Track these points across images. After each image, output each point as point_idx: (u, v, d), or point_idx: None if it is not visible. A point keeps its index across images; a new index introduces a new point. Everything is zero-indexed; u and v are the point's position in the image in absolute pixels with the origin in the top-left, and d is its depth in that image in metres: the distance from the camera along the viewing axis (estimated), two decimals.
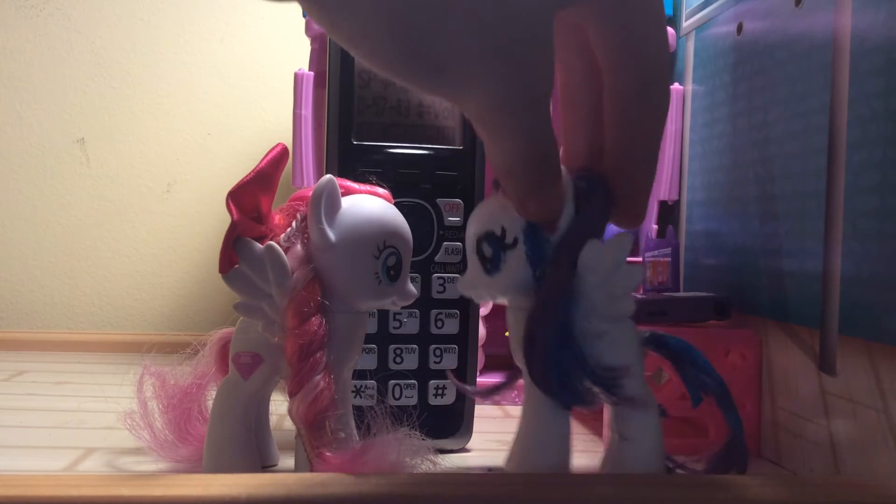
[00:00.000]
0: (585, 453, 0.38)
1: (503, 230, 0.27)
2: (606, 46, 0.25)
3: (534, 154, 0.24)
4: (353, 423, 0.29)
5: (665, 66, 0.26)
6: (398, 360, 0.36)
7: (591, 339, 0.27)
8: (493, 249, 0.27)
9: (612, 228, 0.28)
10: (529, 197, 0.26)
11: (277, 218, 0.29)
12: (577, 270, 0.27)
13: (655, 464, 0.28)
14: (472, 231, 0.28)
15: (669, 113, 0.50)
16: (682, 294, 0.42)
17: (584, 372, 0.26)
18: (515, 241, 0.27)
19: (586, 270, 0.27)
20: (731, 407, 0.28)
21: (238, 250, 0.28)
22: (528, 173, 0.25)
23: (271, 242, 0.28)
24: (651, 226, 0.52)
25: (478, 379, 0.38)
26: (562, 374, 0.26)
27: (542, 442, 0.27)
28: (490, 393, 0.31)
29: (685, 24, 0.50)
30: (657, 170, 0.51)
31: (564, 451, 0.27)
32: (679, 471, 0.29)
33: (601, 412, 0.34)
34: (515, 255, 0.27)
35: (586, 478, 0.27)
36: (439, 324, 0.36)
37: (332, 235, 0.28)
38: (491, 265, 0.27)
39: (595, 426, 0.42)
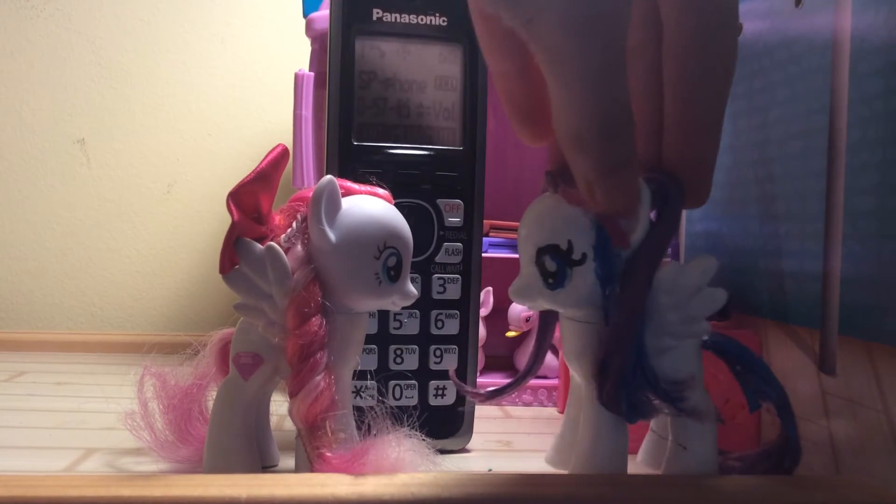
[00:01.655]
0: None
1: (570, 244, 0.25)
2: None
3: (606, 111, 0.22)
4: (353, 424, 0.29)
5: (732, 11, 0.24)
6: (398, 360, 0.36)
7: (657, 353, 0.26)
8: (558, 265, 0.25)
9: None
10: (599, 181, 0.23)
11: (278, 218, 0.29)
12: (652, 289, 0.25)
13: (711, 468, 0.28)
14: (529, 239, 0.26)
15: None
16: None
17: (653, 390, 0.25)
18: (584, 258, 0.25)
19: (662, 292, 0.25)
20: (791, 415, 0.28)
21: (238, 251, 0.28)
22: (600, 142, 0.22)
23: (272, 243, 0.28)
24: None
25: (478, 380, 0.38)
26: (632, 394, 0.25)
27: (603, 452, 0.27)
28: (492, 396, 0.31)
29: None
30: None
31: (623, 459, 0.27)
32: (730, 462, 0.29)
33: None
34: (583, 273, 0.25)
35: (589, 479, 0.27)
36: (439, 324, 0.36)
37: (332, 236, 0.28)
38: (554, 281, 0.25)
39: None
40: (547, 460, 0.30)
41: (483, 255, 0.37)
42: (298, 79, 0.49)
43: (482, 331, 0.49)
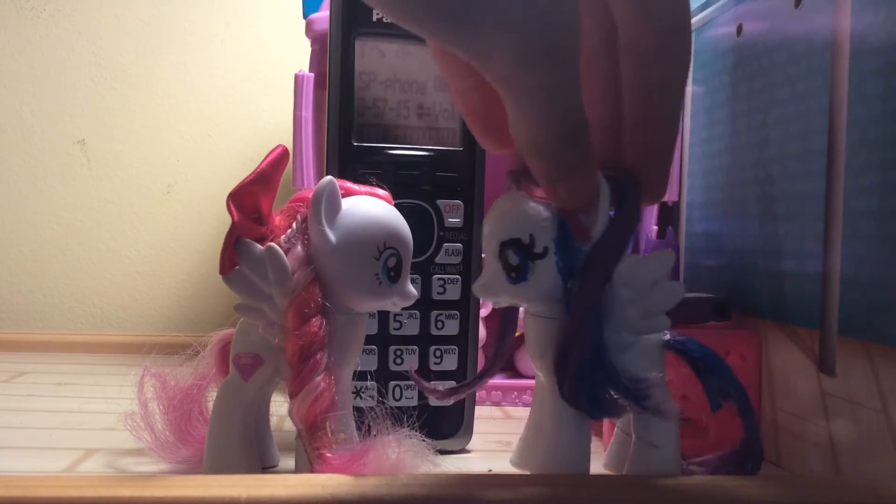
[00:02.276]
0: None
1: (531, 238, 0.25)
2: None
3: (562, 122, 0.23)
4: (353, 424, 0.29)
5: (686, 19, 0.25)
6: (398, 361, 0.36)
7: (618, 350, 0.26)
8: (520, 259, 0.26)
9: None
10: (560, 179, 0.24)
11: (278, 219, 0.29)
12: (611, 283, 0.26)
13: (674, 467, 0.28)
14: (493, 235, 0.26)
15: None
16: None
17: (615, 387, 0.26)
18: (545, 251, 0.25)
19: (622, 286, 0.26)
20: (751, 414, 0.28)
21: (239, 251, 0.28)
22: (558, 148, 0.23)
23: (272, 244, 0.28)
24: (651, 227, 0.52)
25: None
26: (593, 390, 0.25)
27: (565, 449, 0.27)
28: (451, 393, 0.31)
29: None
30: None
31: (586, 456, 0.27)
32: (692, 468, 0.29)
33: None
34: (545, 266, 0.26)
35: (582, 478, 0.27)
36: (439, 325, 0.36)
37: (332, 237, 0.28)
38: (517, 275, 0.26)
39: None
40: (511, 462, 0.30)
41: (483, 255, 0.37)
42: (298, 79, 0.49)
43: (482, 331, 0.49)
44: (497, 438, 0.40)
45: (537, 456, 0.28)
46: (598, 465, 0.30)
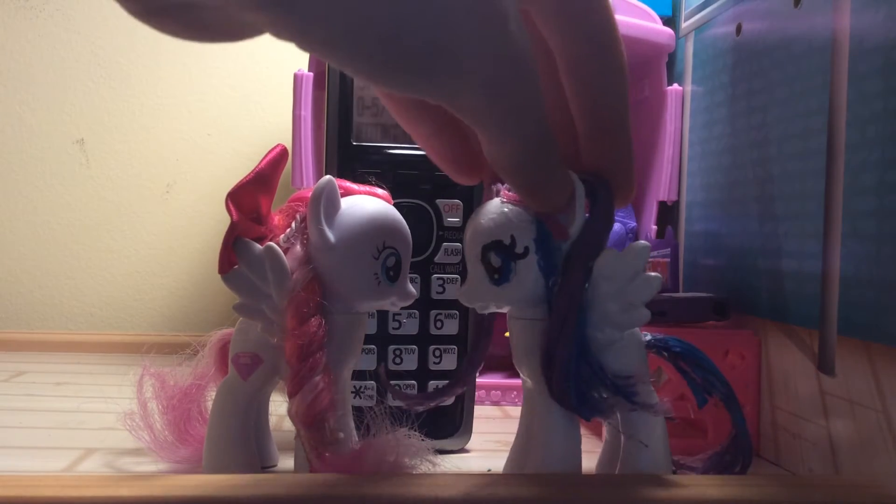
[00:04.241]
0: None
1: (512, 239, 0.26)
2: (551, 23, 0.25)
3: (532, 139, 0.24)
4: (352, 424, 0.29)
5: (615, 31, 0.25)
6: (397, 360, 0.36)
7: (602, 347, 0.26)
8: (503, 260, 0.26)
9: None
10: (537, 191, 0.25)
11: (277, 219, 0.29)
12: (592, 279, 0.26)
13: (665, 465, 0.28)
14: (474, 239, 0.27)
15: (669, 113, 0.50)
16: (681, 294, 0.42)
17: (602, 384, 0.26)
18: (526, 251, 0.26)
19: (602, 280, 0.26)
20: (737, 407, 0.28)
21: (237, 251, 0.28)
22: (533, 164, 0.24)
23: (271, 243, 0.28)
24: (650, 226, 0.52)
25: (478, 380, 0.38)
26: (580, 389, 0.26)
27: (555, 451, 0.27)
28: (426, 399, 0.31)
29: (684, 24, 0.50)
30: (658, 171, 0.51)
31: (577, 457, 0.27)
32: (683, 470, 0.29)
33: None
34: (526, 266, 0.26)
35: (588, 478, 0.27)
36: (439, 324, 0.36)
37: (331, 236, 0.28)
38: (500, 276, 0.26)
39: (591, 426, 0.42)
40: (504, 471, 0.30)
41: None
42: (298, 79, 0.49)
43: None
44: (496, 438, 0.40)
45: (529, 460, 0.28)
46: (593, 466, 0.30)
